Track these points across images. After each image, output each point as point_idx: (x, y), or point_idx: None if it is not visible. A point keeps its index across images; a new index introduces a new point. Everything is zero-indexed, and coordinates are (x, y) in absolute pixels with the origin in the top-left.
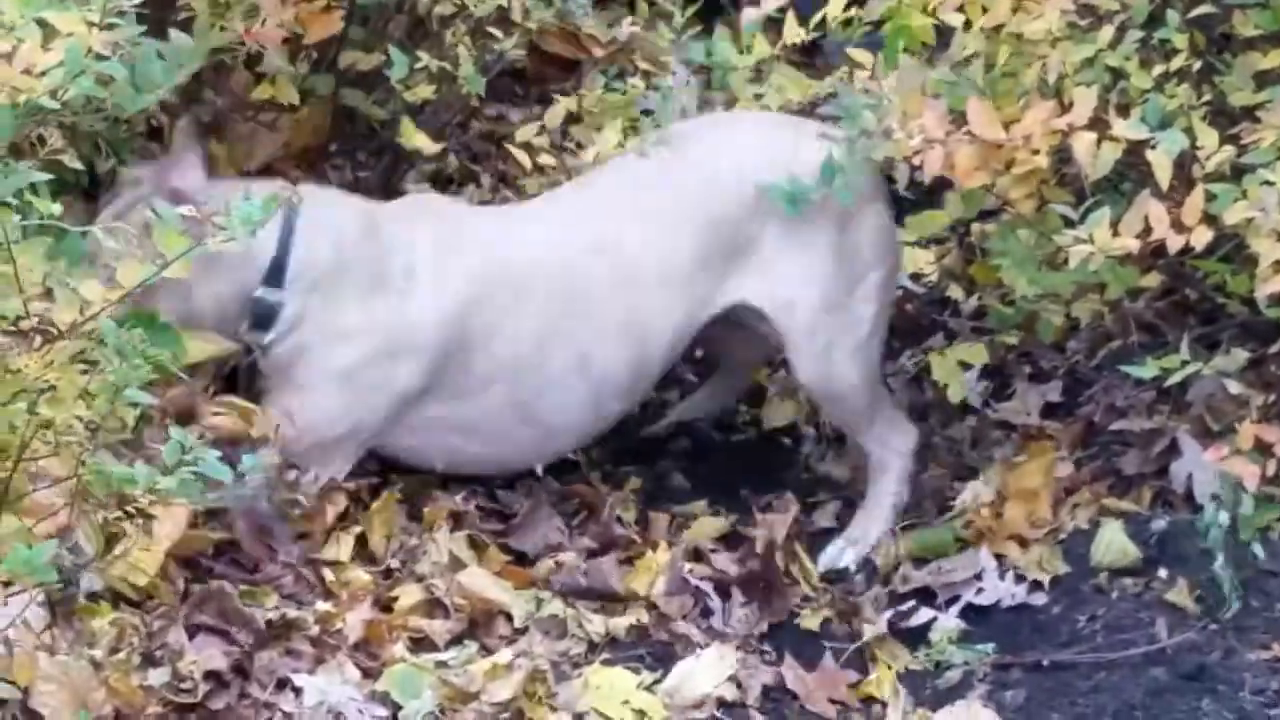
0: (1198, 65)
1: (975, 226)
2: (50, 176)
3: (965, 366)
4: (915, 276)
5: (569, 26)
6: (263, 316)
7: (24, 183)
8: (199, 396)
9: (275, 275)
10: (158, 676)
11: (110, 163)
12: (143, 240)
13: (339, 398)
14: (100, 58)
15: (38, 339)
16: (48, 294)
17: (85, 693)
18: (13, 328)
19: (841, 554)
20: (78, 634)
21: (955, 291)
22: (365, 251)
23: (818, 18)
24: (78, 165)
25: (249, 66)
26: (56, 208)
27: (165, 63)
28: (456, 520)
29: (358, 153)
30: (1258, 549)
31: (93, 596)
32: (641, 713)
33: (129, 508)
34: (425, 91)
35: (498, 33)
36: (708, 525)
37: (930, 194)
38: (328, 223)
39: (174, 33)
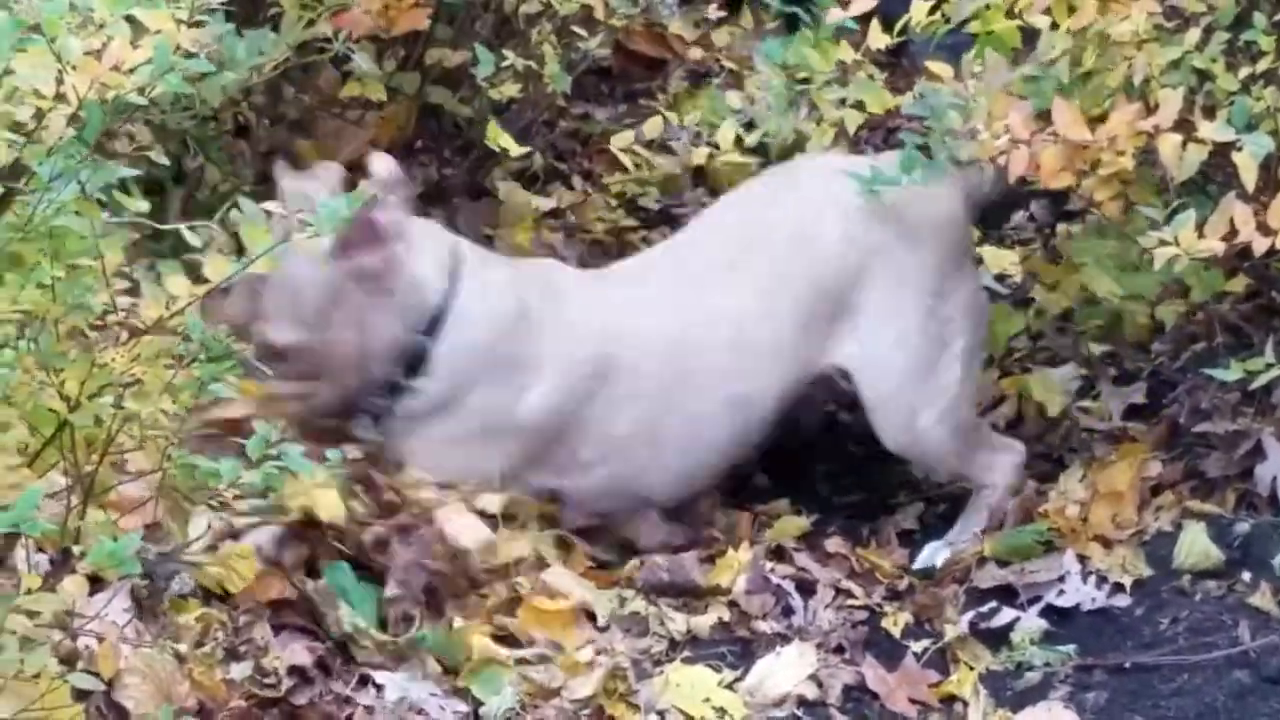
0: None
1: (1060, 228)
2: (138, 173)
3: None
4: (1000, 278)
5: (655, 26)
6: (414, 361)
7: (112, 178)
8: None
9: (432, 325)
10: (240, 671)
11: (198, 160)
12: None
13: (448, 462)
14: (188, 55)
15: (124, 334)
16: (134, 289)
17: (169, 686)
18: (99, 322)
19: (936, 554)
20: (163, 628)
21: (1039, 293)
22: (508, 338)
23: (902, 22)
24: (164, 161)
25: (336, 65)
26: (144, 204)
27: (248, 42)
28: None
29: (443, 150)
30: None
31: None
32: (722, 710)
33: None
34: (511, 90)
35: (583, 31)
36: (789, 525)
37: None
38: (488, 288)
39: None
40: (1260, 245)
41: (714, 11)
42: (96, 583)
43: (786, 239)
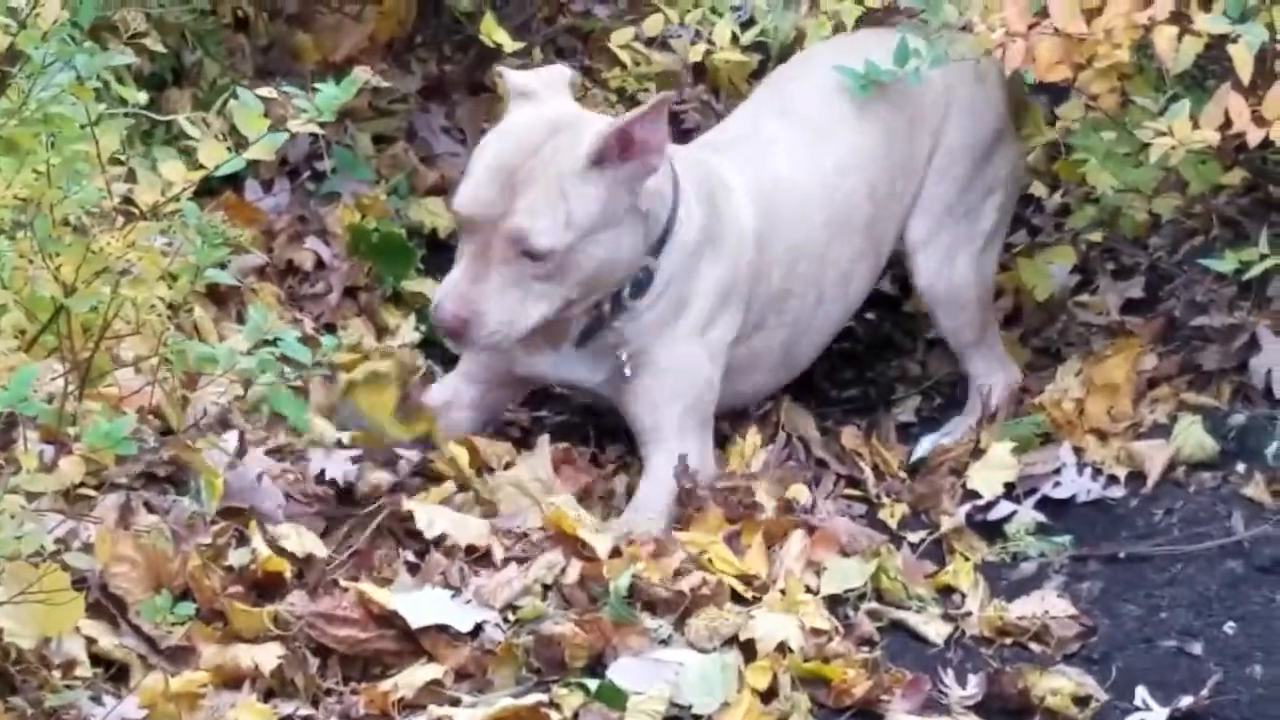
0: None
1: (1059, 124)
2: (134, 60)
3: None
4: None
5: None
6: (642, 282)
7: (107, 64)
8: None
9: (659, 245)
10: (239, 558)
11: (196, 54)
12: None
13: (702, 360)
14: None
15: (120, 219)
16: (130, 175)
17: (161, 571)
18: (94, 208)
19: (932, 446)
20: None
21: (1039, 189)
22: (715, 219)
23: None
24: (161, 50)
25: None
26: (141, 95)
27: None
28: None
29: (443, 46)
30: None
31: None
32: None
33: None
34: None
35: None
36: (797, 414)
37: None
38: (700, 194)
39: None
40: (1255, 136)
41: None
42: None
43: (889, 92)
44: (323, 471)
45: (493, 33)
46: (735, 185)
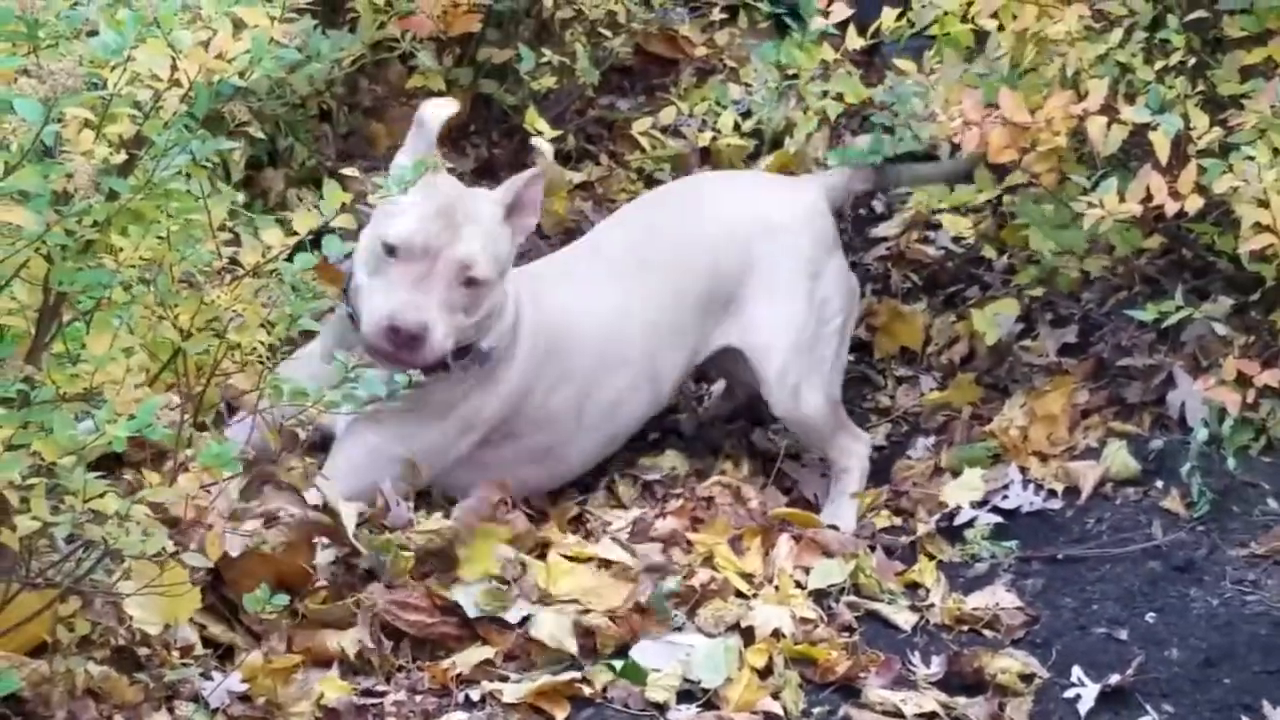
0: (1193, 61)
1: (1006, 198)
2: (238, 146)
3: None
4: (956, 239)
5: (669, 30)
6: (464, 350)
7: (217, 148)
8: None
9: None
10: (325, 556)
11: (289, 140)
12: None
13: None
14: (280, 46)
15: (227, 276)
16: (236, 240)
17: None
18: (206, 267)
19: (837, 515)
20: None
21: (989, 252)
22: (515, 334)
23: (874, 26)
24: (261, 136)
25: (403, 61)
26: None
27: (330, 41)
28: None
29: (492, 133)
30: (1233, 463)
31: None
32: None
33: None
34: (548, 82)
35: (609, 33)
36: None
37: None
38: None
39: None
40: (1171, 208)
41: (717, 14)
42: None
43: (687, 241)
44: None
45: (535, 122)
46: (535, 308)
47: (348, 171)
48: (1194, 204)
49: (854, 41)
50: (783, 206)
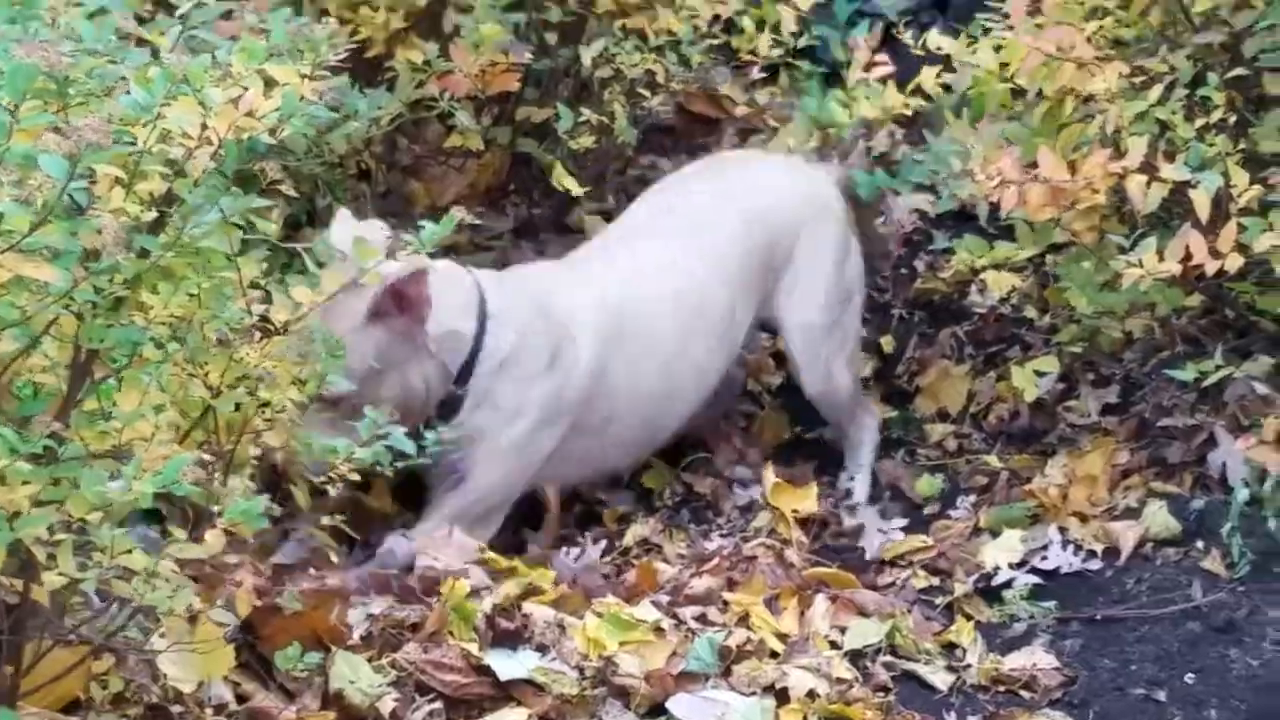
0: (1233, 119)
1: (1049, 258)
2: (270, 203)
3: (1040, 374)
4: (1003, 300)
5: (710, 90)
6: (448, 409)
7: (248, 206)
8: None
9: (466, 372)
10: (356, 615)
11: (327, 200)
12: None
13: (510, 469)
14: (311, 103)
15: (257, 334)
16: (266, 298)
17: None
18: (237, 325)
19: (854, 485)
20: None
21: (1031, 312)
22: (539, 337)
23: (914, 84)
24: (292, 194)
25: (441, 120)
26: (274, 227)
27: (368, 99)
28: None
29: (532, 193)
30: (1273, 523)
31: None
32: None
33: None
34: (587, 141)
35: (647, 93)
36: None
37: (1010, 230)
38: (512, 315)
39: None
40: (1211, 267)
41: (757, 73)
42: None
43: (741, 211)
44: None
45: (563, 179)
46: (576, 304)
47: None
48: (1234, 263)
49: (894, 98)
50: (826, 185)
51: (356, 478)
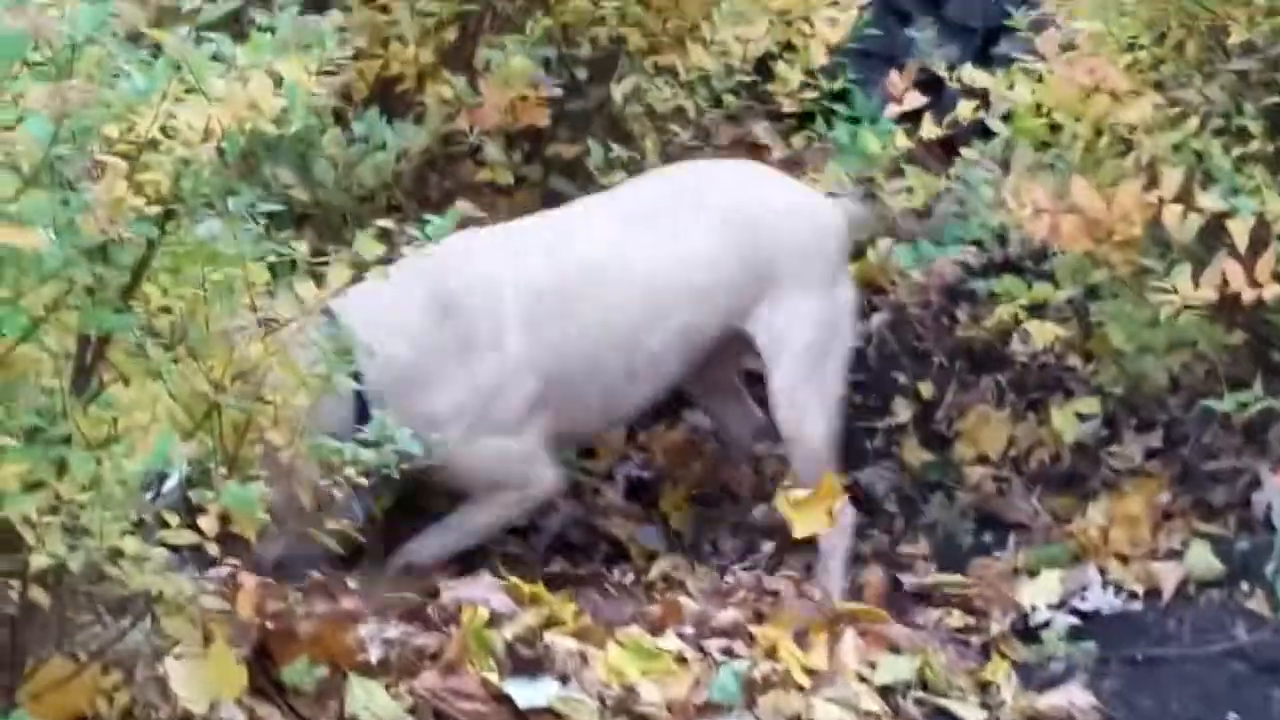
0: (1270, 148)
1: (1093, 307)
2: (283, 208)
3: (1082, 418)
4: (1046, 350)
5: (743, 131)
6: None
7: (251, 202)
8: None
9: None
10: (369, 632)
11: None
12: None
13: (489, 446)
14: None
15: (262, 332)
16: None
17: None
18: (243, 323)
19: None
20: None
21: (1074, 360)
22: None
23: (950, 117)
24: (304, 198)
25: (471, 156)
26: (304, 247)
27: (395, 131)
28: None
29: None
30: None
31: None
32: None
33: None
34: (618, 178)
35: (677, 129)
36: None
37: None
38: (392, 329)
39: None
40: (1249, 295)
41: (789, 114)
42: None
43: (726, 208)
44: None
45: None
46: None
47: (384, 223)
48: (1272, 291)
49: (930, 131)
50: (824, 203)
51: None
